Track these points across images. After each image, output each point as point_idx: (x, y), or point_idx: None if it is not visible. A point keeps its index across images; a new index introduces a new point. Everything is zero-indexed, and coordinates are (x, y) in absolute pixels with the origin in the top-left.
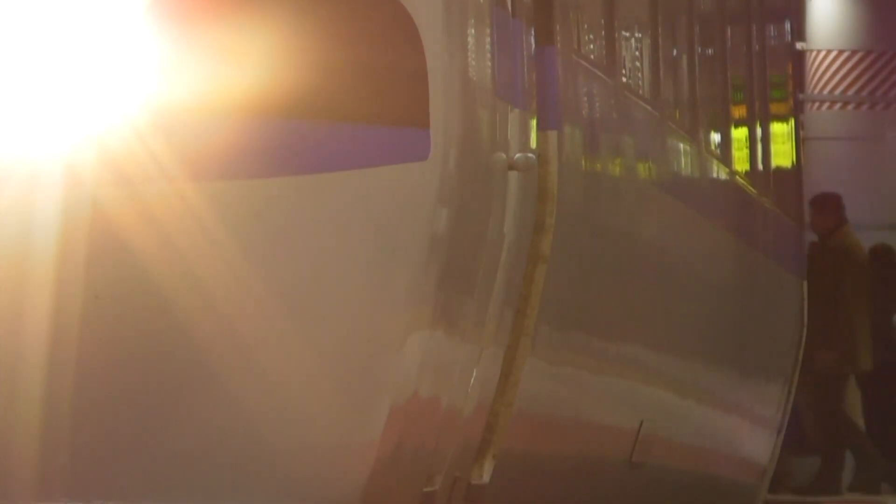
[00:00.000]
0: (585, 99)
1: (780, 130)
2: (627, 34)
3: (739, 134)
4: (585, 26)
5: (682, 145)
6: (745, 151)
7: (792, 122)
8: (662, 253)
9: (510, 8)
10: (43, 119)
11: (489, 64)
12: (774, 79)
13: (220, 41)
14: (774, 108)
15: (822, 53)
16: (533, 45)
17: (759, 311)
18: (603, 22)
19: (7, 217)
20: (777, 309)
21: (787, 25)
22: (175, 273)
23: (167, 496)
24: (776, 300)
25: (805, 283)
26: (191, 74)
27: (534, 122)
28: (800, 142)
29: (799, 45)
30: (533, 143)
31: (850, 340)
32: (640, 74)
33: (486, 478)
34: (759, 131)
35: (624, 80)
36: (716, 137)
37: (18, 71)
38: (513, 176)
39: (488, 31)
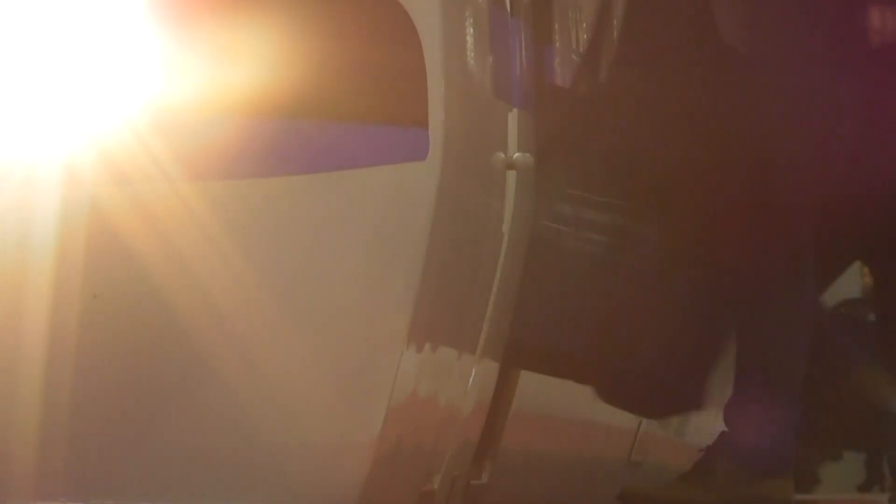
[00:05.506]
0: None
1: None
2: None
3: None
4: (585, 26)
5: None
6: None
7: None
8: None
9: (509, 7)
10: (42, 119)
11: (488, 63)
12: None
13: (219, 41)
14: None
15: None
16: (532, 45)
17: None
18: (603, 21)
19: (6, 216)
20: None
21: None
22: (174, 273)
23: (166, 496)
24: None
25: None
26: (190, 74)
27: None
28: None
29: None
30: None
31: None
32: None
33: (485, 477)
34: None
35: None
36: None
37: (17, 70)
38: (512, 176)
39: (487, 30)
